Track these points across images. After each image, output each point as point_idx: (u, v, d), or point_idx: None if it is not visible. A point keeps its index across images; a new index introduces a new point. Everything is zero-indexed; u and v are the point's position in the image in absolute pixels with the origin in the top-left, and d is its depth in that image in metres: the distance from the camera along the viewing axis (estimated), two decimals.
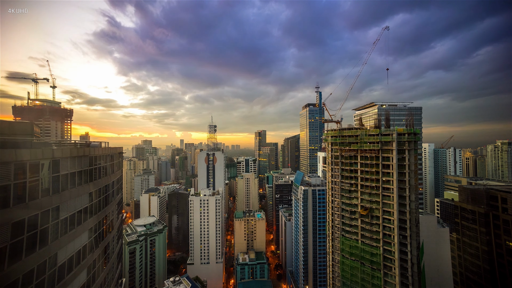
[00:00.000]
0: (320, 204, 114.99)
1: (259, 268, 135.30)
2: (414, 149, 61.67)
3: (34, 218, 18.93)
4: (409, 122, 64.78)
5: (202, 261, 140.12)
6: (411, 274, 60.02)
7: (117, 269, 39.64)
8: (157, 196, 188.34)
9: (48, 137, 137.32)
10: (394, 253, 62.01)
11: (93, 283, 27.84)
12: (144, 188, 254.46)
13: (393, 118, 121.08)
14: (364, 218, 67.86)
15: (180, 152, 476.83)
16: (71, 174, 23.86)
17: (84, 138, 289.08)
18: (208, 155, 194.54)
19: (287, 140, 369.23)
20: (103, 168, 31.42)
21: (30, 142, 24.17)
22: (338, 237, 74.28)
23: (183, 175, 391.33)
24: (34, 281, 18.78)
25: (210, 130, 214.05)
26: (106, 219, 32.38)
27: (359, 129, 69.96)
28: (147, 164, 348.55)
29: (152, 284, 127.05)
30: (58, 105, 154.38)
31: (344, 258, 72.27)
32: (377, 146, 64.03)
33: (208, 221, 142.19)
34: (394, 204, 61.84)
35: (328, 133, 77.79)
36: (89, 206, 27.24)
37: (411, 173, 60.99)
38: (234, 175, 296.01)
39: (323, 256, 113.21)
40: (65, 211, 22.73)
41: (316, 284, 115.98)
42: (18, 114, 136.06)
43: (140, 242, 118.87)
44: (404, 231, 61.31)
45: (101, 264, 30.38)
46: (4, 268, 16.46)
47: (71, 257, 23.52)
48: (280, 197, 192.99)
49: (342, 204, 73.39)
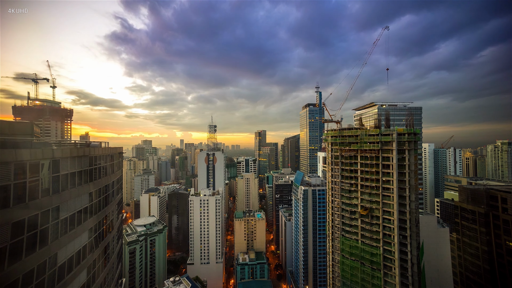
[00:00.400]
0: (320, 204, 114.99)
1: (259, 268, 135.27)
2: (414, 149, 61.65)
3: (34, 218, 18.93)
4: (409, 122, 64.73)
5: (202, 261, 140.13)
6: (411, 274, 60.01)
7: (117, 269, 39.63)
8: (157, 196, 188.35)
9: (48, 137, 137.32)
10: (394, 253, 62.00)
11: (93, 283, 27.84)
12: (144, 188, 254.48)
13: (393, 118, 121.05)
14: (364, 218, 67.85)
15: (180, 152, 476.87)
16: (71, 174, 23.85)
17: (84, 138, 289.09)
18: (208, 155, 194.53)
19: (287, 140, 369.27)
20: (103, 168, 31.42)
21: (30, 142, 24.15)
22: (338, 237, 74.27)
23: (183, 175, 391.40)
24: (34, 281, 18.77)
25: (210, 130, 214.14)
26: (106, 219, 32.38)
27: (359, 129, 69.96)
28: (147, 164, 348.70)
29: (152, 284, 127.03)
30: (58, 105, 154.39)
31: (344, 258, 72.26)
32: (377, 146, 64.02)
33: (208, 221, 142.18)
34: (394, 204, 61.83)
35: (328, 133, 77.77)
36: (89, 206, 27.24)
37: (411, 173, 60.98)
38: (234, 175, 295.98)
39: (323, 256, 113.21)
40: (65, 211, 22.73)
41: (316, 284, 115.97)
42: (18, 114, 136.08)
43: (140, 242, 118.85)
44: (404, 231, 61.30)
45: (101, 264, 30.38)
46: (4, 268, 16.45)
47: (71, 257, 23.51)
48: (280, 197, 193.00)
49: (342, 204, 73.37)
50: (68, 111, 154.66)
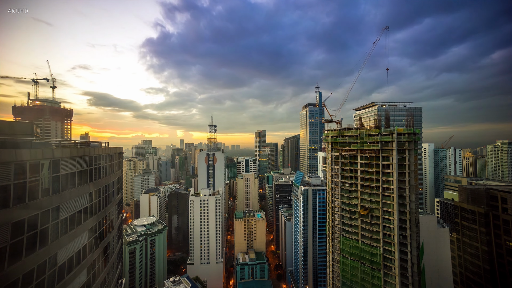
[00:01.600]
0: (320, 204, 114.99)
1: (259, 268, 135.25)
2: (414, 149, 61.63)
3: (34, 218, 18.93)
4: (409, 122, 64.72)
5: (202, 261, 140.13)
6: (411, 274, 60.01)
7: (117, 269, 39.63)
8: (157, 196, 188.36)
9: (48, 137, 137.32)
10: (394, 253, 61.99)
11: (93, 283, 27.84)
12: (144, 188, 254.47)
13: (393, 118, 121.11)
14: (364, 218, 67.83)
15: (180, 152, 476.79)
16: (71, 174, 23.85)
17: (84, 138, 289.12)
18: (208, 155, 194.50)
19: (287, 140, 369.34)
20: (103, 168, 31.42)
21: (30, 142, 24.15)
22: (338, 237, 74.26)
23: (183, 175, 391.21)
24: (34, 281, 18.77)
25: (210, 130, 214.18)
26: (106, 219, 32.37)
27: (359, 129, 69.94)
28: (147, 164, 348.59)
29: (152, 284, 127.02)
30: (58, 105, 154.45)
31: (344, 258, 72.25)
32: (377, 146, 64.01)
33: (208, 221, 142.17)
34: (394, 204, 61.83)
35: (328, 133, 77.76)
36: (89, 206, 27.23)
37: (411, 173, 60.97)
38: (234, 175, 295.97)
39: (323, 256, 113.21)
40: (65, 211, 22.73)
41: (316, 284, 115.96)
42: (18, 114, 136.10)
43: (140, 242, 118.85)
44: (404, 231, 61.29)
45: (101, 264, 30.37)
46: (4, 268, 16.45)
47: (71, 257, 23.51)
48: (280, 197, 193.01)
49: (342, 204, 73.36)
50: (68, 111, 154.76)
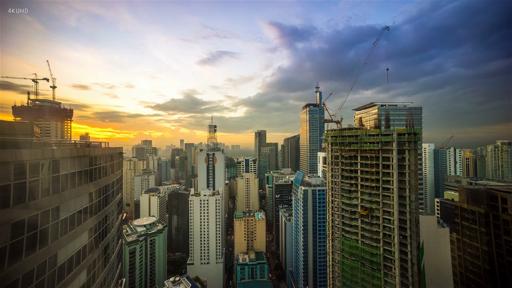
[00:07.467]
0: (320, 204, 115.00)
1: (259, 268, 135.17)
2: (414, 149, 61.63)
3: (34, 218, 18.93)
4: (409, 122, 64.71)
5: (202, 261, 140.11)
6: (411, 274, 59.98)
7: (117, 269, 39.62)
8: (157, 196, 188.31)
9: (48, 137, 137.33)
10: (394, 253, 61.96)
11: (93, 283, 27.83)
12: (144, 188, 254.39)
13: (393, 118, 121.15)
14: (364, 218, 67.81)
15: (180, 152, 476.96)
16: (71, 174, 23.85)
17: (84, 138, 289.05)
18: (208, 155, 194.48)
19: (287, 140, 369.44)
20: (103, 168, 31.41)
21: (30, 142, 24.15)
22: (338, 237, 74.24)
23: (183, 175, 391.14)
24: (34, 281, 18.77)
25: (210, 130, 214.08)
26: (106, 219, 32.37)
27: (359, 129, 69.94)
28: (147, 164, 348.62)
29: (152, 284, 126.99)
30: (58, 105, 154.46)
31: (344, 258, 72.23)
32: (377, 146, 63.99)
33: (208, 221, 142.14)
34: (394, 204, 61.80)
35: (328, 133, 77.75)
36: (89, 206, 27.23)
37: (411, 173, 60.95)
38: (234, 175, 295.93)
39: (323, 256, 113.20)
40: (65, 211, 22.72)
41: (316, 284, 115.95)
42: (18, 114, 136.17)
43: (140, 242, 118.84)
44: (404, 231, 61.26)
45: (101, 264, 30.37)
46: (4, 268, 16.46)
47: (71, 257, 23.51)
48: (280, 197, 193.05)
49: (342, 204, 73.33)
50: (68, 111, 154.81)
